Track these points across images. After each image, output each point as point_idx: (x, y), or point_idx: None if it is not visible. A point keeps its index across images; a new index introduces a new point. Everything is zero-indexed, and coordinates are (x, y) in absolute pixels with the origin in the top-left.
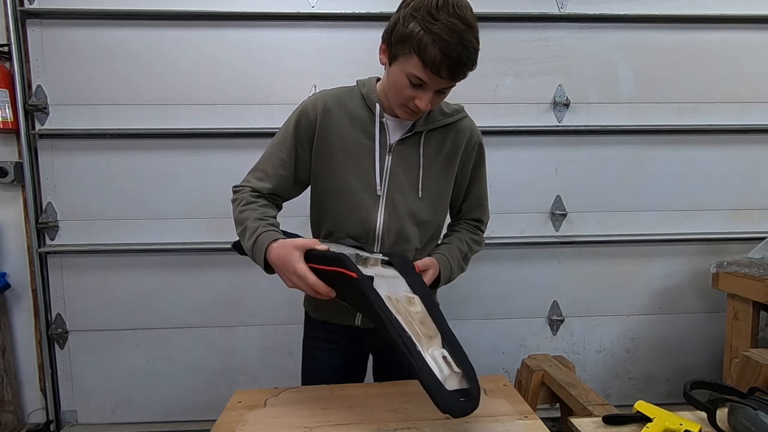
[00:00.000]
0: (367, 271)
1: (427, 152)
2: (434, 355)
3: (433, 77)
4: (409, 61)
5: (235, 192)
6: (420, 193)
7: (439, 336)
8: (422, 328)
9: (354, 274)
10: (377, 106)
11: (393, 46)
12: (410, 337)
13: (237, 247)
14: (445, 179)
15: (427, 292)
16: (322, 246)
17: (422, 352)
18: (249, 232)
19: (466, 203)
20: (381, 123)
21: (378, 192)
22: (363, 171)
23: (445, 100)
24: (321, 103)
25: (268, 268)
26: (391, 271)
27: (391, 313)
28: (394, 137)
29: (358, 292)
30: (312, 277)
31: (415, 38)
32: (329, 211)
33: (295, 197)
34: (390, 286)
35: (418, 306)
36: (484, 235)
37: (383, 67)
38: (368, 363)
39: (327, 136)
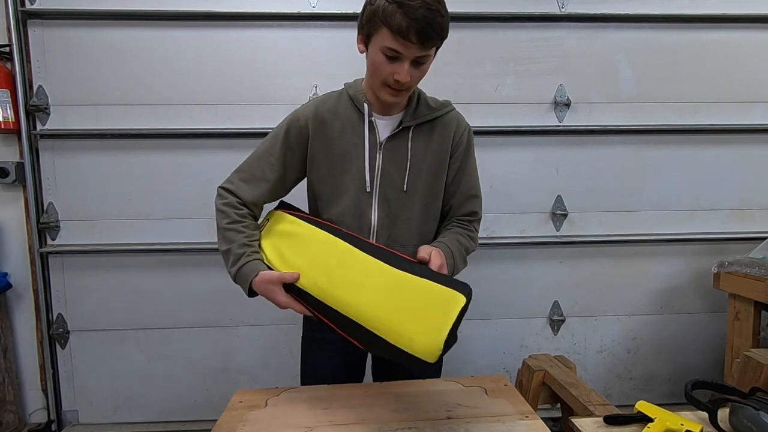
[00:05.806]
0: None
1: (416, 147)
2: None
3: (404, 44)
4: (380, 35)
5: (220, 195)
6: (405, 186)
7: None
8: None
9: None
10: (365, 106)
11: (365, 28)
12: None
13: None
14: (436, 173)
15: None
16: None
17: None
18: (233, 258)
19: (457, 196)
20: (370, 122)
21: (368, 189)
22: (355, 171)
23: (434, 96)
24: (312, 110)
25: (251, 292)
26: None
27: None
28: (383, 135)
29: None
30: (297, 306)
31: (381, 11)
32: (326, 211)
33: (282, 197)
34: None
35: None
36: (478, 234)
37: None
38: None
39: (320, 141)
